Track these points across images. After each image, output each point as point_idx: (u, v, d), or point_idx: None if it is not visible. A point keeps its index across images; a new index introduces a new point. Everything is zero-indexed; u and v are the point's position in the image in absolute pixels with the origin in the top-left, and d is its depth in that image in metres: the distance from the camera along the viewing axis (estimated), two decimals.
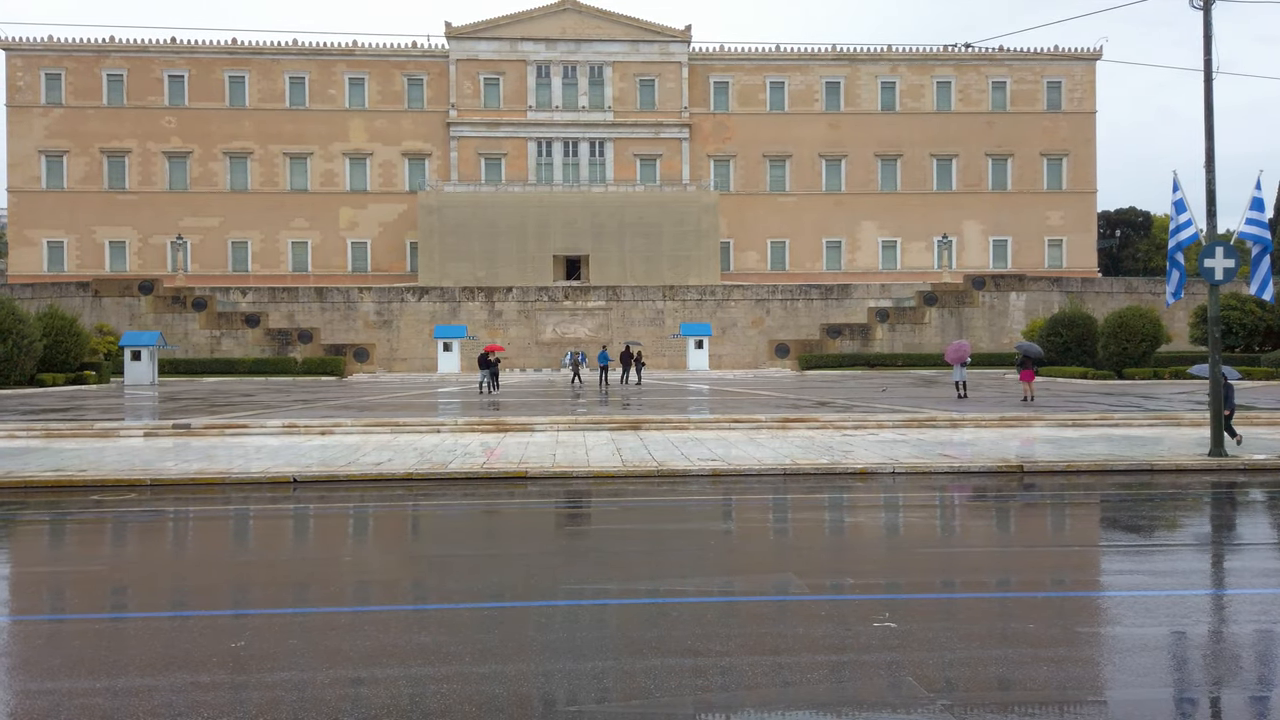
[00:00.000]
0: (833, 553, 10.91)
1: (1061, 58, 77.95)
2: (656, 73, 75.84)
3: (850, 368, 56.49)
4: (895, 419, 23.45)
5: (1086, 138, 78.19)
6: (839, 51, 77.16)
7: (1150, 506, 13.80)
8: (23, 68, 73.25)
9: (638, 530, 11.90)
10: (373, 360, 59.22)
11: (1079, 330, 45.88)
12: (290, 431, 21.86)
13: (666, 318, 61.33)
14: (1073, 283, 63.49)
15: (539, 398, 34.06)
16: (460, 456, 17.65)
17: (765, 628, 7.67)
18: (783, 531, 12.31)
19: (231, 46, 74.39)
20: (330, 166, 74.74)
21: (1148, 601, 8.29)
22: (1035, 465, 16.50)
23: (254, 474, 15.53)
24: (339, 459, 17.30)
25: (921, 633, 7.40)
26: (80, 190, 73.09)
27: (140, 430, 21.72)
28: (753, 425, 22.70)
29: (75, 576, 9.86)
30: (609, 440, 20.22)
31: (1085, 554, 10.85)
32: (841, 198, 76.49)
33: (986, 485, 15.37)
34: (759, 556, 10.55)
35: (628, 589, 8.84)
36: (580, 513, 13.69)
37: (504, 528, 12.73)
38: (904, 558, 10.56)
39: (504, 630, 7.61)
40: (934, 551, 10.90)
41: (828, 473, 16.16)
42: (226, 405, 29.71)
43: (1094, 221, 79.66)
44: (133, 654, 7.14)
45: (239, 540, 12.05)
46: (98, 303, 58.08)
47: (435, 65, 75.47)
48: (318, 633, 7.61)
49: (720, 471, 16.10)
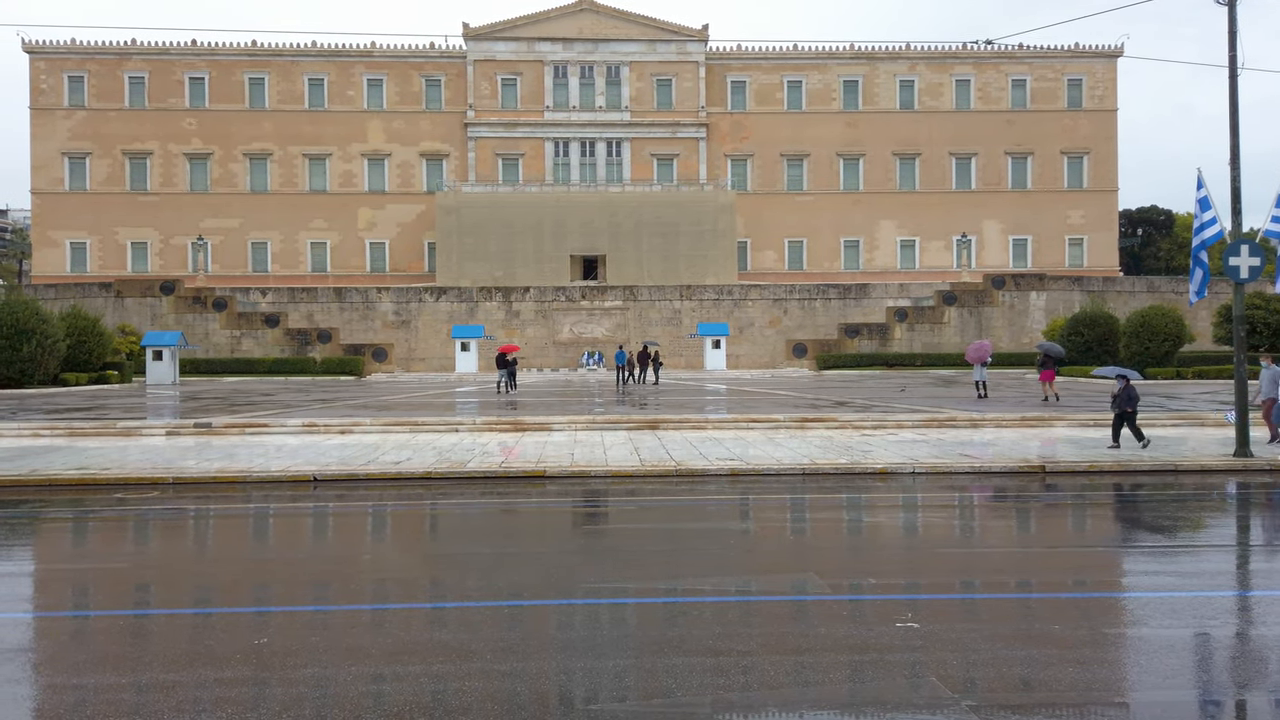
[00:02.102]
0: (853, 553, 10.86)
1: (1082, 55, 77.37)
2: (673, 72, 75.79)
3: (868, 368, 56.24)
4: (915, 419, 23.32)
5: (1107, 135, 77.51)
6: (857, 50, 76.87)
7: (1175, 507, 13.65)
8: (46, 71, 74.07)
9: (656, 529, 11.89)
10: (391, 360, 59.49)
11: (1100, 330, 45.51)
12: (310, 431, 21.99)
13: (683, 317, 61.28)
14: (1094, 282, 62.95)
15: (556, 398, 34.12)
16: (479, 456, 17.69)
17: (786, 627, 7.63)
18: (803, 531, 12.27)
19: (251, 48, 74.92)
20: (349, 167, 75.13)
21: (1174, 603, 8.20)
22: (1057, 465, 16.36)
23: (274, 473, 15.63)
24: (358, 458, 17.39)
25: (944, 633, 7.34)
26: (103, 191, 73.82)
27: (162, 429, 21.90)
28: (771, 425, 22.63)
29: (98, 574, 9.96)
30: (627, 440, 20.22)
31: (1109, 555, 10.75)
32: (859, 197, 76.18)
33: (1008, 485, 15.25)
34: (779, 556, 10.51)
35: (647, 587, 8.84)
36: (599, 511, 13.69)
37: (522, 526, 12.76)
38: (925, 558, 10.50)
39: (523, 628, 7.63)
40: (956, 552, 10.83)
41: (847, 473, 16.09)
42: (247, 404, 29.93)
43: (1115, 220, 78.99)
44: (156, 650, 7.20)
45: (259, 538, 12.13)
46: (120, 303, 58.63)
47: (453, 66, 75.74)
48: (339, 630, 7.65)
49: (739, 471, 16.06)
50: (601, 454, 17.85)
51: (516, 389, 38.40)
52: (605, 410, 26.71)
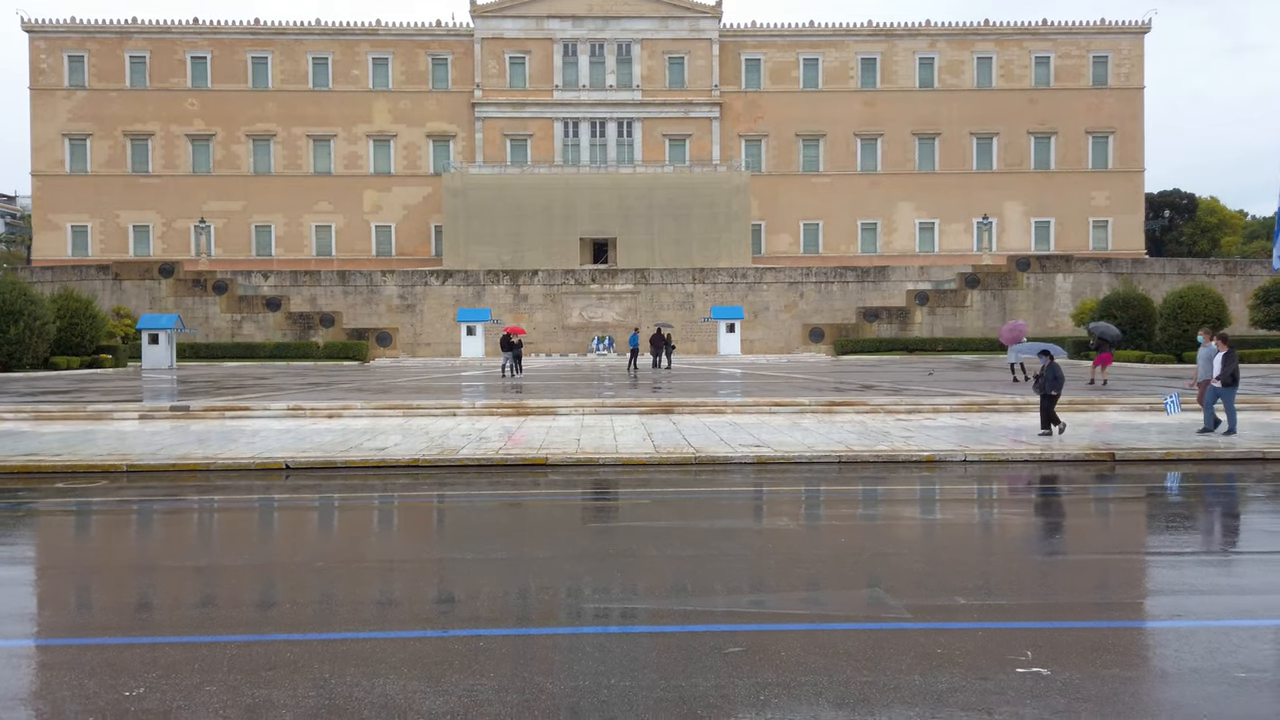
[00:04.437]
0: (926, 562, 8.72)
1: (1108, 31, 74.79)
2: (686, 50, 73.56)
3: (888, 352, 54.19)
4: (952, 402, 21.38)
5: (1134, 114, 74.95)
6: (875, 26, 74.49)
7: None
8: (46, 50, 72.42)
9: (675, 529, 9.98)
10: (395, 345, 57.76)
11: (1134, 312, 43.29)
12: (295, 415, 20.20)
13: (696, 301, 59.28)
14: (1122, 264, 60.64)
15: (564, 381, 32.26)
16: (475, 442, 15.87)
17: (862, 673, 5.63)
18: (855, 532, 10.18)
19: (254, 27, 73.06)
20: (354, 149, 73.30)
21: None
22: (1128, 453, 14.40)
23: (243, 460, 13.81)
24: (341, 444, 15.58)
25: (1087, 683, 5.34)
26: (104, 174, 72.22)
27: (135, 413, 20.16)
28: (796, 409, 20.73)
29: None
30: (639, 424, 18.37)
31: (1266, 564, 8.75)
32: (877, 178, 73.90)
33: (1076, 476, 13.28)
34: (834, 566, 8.49)
35: (669, 609, 6.97)
36: (607, 505, 11.82)
37: (518, 524, 10.85)
38: (1019, 569, 8.40)
39: (507, 670, 5.75)
40: (1054, 560, 8.76)
41: (889, 461, 14.17)
42: (237, 388, 28.19)
43: (1141, 202, 76.50)
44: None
45: (201, 539, 10.23)
46: (118, 286, 57.04)
47: (460, 44, 73.72)
48: (247, 675, 5.70)
49: (766, 459, 14.17)
50: (611, 440, 16.01)
51: (522, 373, 36.57)
52: (616, 394, 24.83)
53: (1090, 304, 49.12)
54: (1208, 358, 17.03)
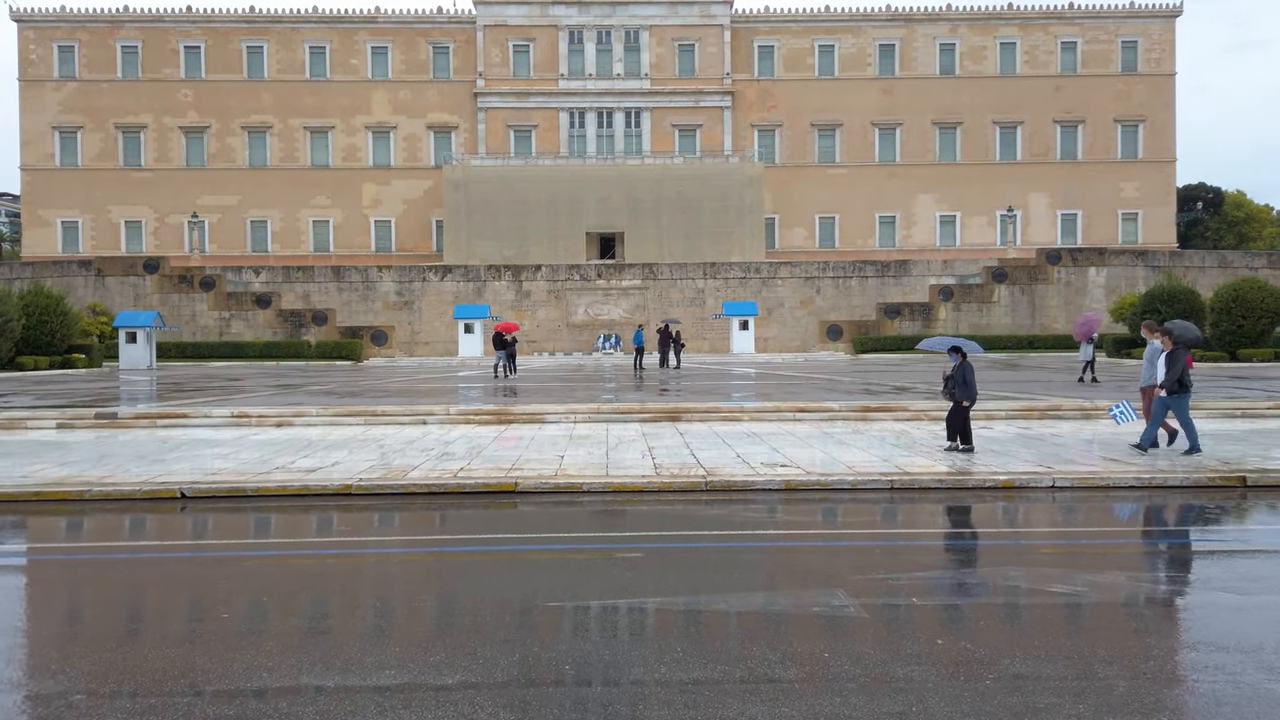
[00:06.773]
0: (1099, 692, 5.15)
1: (1138, 14, 71.36)
2: (696, 37, 70.52)
3: (909, 351, 51.04)
4: (1006, 407, 18.34)
5: (1165, 102, 71.47)
6: (894, 11, 71.30)
7: None
8: (35, 40, 69.98)
9: (680, 615, 6.65)
10: (392, 344, 54.98)
11: (1181, 306, 40.01)
12: (238, 423, 17.31)
13: (707, 298, 56.27)
14: (1159, 256, 57.32)
15: (562, 382, 29.31)
16: (434, 459, 12.90)
17: None
18: (955, 625, 6.35)
19: (249, 15, 70.45)
20: (352, 141, 70.58)
21: None
22: (1263, 476, 11.27)
23: (127, 486, 10.86)
24: (265, 462, 12.66)
25: None
26: (95, 168, 69.74)
27: (54, 421, 17.31)
28: (824, 415, 17.74)
29: None
30: (639, 436, 15.41)
31: None
32: (896, 169, 70.67)
33: (1211, 511, 10.15)
34: (947, 703, 5.00)
35: None
36: (581, 564, 8.20)
37: (439, 604, 7.07)
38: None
39: None
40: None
41: (955, 487, 11.13)
42: (196, 390, 25.36)
43: (1173, 193, 73.02)
44: None
45: (6, 601, 7.37)
46: (100, 282, 54.46)
47: (462, 32, 70.91)
48: None
49: (797, 484, 11.16)
50: (602, 456, 13.05)
51: (516, 372, 33.66)
52: (616, 397, 21.87)
53: (1131, 299, 45.93)
54: (1153, 358, 13.59)
